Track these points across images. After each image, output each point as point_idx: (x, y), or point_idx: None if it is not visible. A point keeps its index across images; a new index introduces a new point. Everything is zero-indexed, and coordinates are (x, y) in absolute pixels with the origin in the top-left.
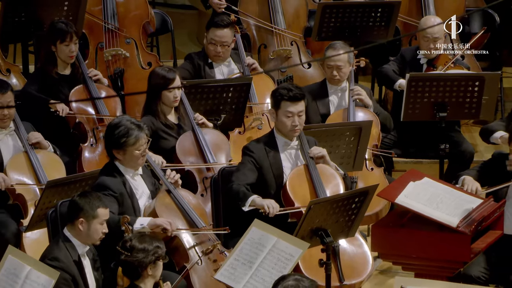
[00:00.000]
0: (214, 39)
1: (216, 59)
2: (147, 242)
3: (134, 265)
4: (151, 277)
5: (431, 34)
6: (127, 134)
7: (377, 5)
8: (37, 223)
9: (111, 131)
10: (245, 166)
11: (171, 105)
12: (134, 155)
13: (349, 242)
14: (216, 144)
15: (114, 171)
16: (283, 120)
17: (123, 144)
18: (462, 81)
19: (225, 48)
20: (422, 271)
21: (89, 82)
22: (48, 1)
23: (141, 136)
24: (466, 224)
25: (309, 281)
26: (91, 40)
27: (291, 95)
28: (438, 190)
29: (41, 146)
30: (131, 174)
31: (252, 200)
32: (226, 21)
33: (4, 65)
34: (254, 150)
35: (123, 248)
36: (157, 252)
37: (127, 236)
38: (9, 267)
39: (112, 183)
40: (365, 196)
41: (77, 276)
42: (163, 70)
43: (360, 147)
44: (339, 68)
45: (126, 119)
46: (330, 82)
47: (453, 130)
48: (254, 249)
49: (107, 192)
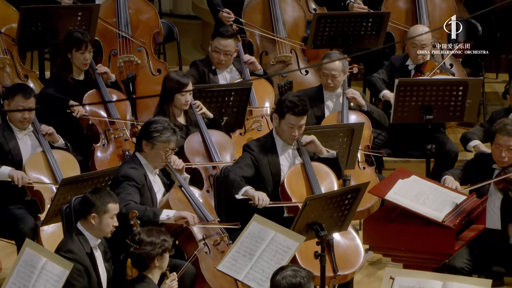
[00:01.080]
0: (218, 47)
1: (219, 66)
2: (154, 235)
3: (142, 257)
4: (158, 268)
5: (418, 41)
6: (162, 131)
7: (368, 15)
8: (53, 218)
9: (149, 124)
10: (244, 161)
11: (182, 108)
12: (159, 154)
13: (342, 236)
14: (221, 145)
15: (137, 163)
16: (284, 129)
17: (154, 138)
18: (447, 86)
19: (228, 57)
20: (410, 263)
21: (101, 87)
22: (62, 12)
23: (172, 139)
24: (451, 219)
25: (305, 271)
26: (105, 48)
27: (296, 111)
28: (425, 187)
29: (53, 139)
30: (151, 170)
31: (246, 190)
32: (230, 32)
33: (22, 71)
34: (254, 148)
35: (132, 241)
36: (164, 245)
37: (136, 230)
38: (26, 259)
39: (135, 174)
40: (357, 192)
41: (89, 267)
42: (177, 75)
43: (353, 147)
44: (334, 77)
45: (166, 121)
46: (325, 89)
47: (439, 132)
48: (254, 242)
49: (132, 182)
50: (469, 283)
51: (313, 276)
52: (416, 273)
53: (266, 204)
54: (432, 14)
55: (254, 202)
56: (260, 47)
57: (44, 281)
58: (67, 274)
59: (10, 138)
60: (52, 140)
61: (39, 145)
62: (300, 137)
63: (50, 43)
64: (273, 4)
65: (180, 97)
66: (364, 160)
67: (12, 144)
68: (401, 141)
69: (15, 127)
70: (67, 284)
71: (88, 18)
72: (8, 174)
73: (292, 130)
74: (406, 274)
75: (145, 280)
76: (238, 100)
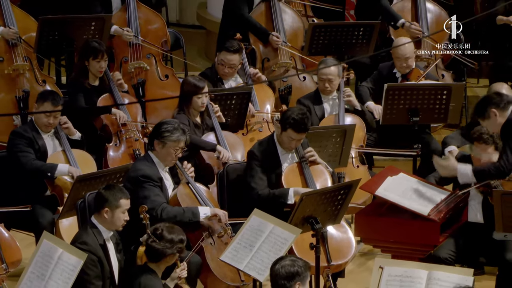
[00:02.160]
0: (224, 61)
1: (224, 77)
2: (175, 233)
3: (158, 252)
4: (166, 263)
5: (402, 55)
6: (172, 131)
7: (360, 25)
8: (68, 212)
9: (161, 124)
10: (257, 172)
11: (199, 109)
12: (170, 152)
13: (335, 228)
14: (232, 144)
15: (149, 161)
16: (284, 140)
17: (165, 137)
18: (432, 90)
19: (232, 70)
20: (398, 253)
21: (114, 91)
22: (77, 22)
23: (181, 139)
24: (435, 213)
25: (302, 261)
26: (117, 55)
27: (297, 128)
28: (412, 183)
29: (69, 131)
30: (162, 167)
31: (295, 191)
32: (236, 47)
33: (40, 77)
34: (258, 154)
35: (153, 234)
36: (179, 247)
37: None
38: (44, 250)
39: (153, 173)
40: (349, 189)
41: (102, 258)
42: (194, 79)
43: (345, 146)
44: (330, 81)
45: (177, 122)
46: (322, 93)
47: (424, 133)
48: (254, 234)
49: (153, 182)
50: (452, 272)
51: (309, 266)
52: (403, 263)
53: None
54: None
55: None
56: (263, 54)
57: (61, 270)
58: (82, 264)
59: (38, 138)
60: (68, 133)
61: (60, 145)
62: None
63: (66, 51)
64: (275, 14)
65: (197, 99)
66: (358, 159)
67: (40, 143)
68: (390, 141)
69: (40, 129)
70: (81, 273)
71: (101, 27)
72: (68, 171)
73: (291, 143)
74: (395, 264)
75: (150, 272)
76: (239, 103)
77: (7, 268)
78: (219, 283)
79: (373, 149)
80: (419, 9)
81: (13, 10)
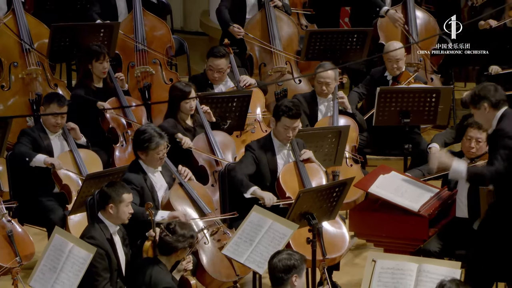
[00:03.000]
0: (212, 66)
1: (214, 81)
2: (186, 229)
3: (169, 245)
4: (176, 257)
5: (393, 57)
6: (150, 140)
7: (353, 32)
8: (78, 208)
9: (138, 136)
10: (247, 160)
11: (188, 113)
12: (154, 157)
13: (330, 224)
14: (224, 144)
15: (138, 168)
16: (280, 130)
17: (146, 147)
18: (422, 93)
19: (221, 74)
20: (390, 247)
21: (119, 93)
22: (87, 29)
23: (161, 143)
24: (425, 209)
25: (299, 255)
26: (124, 60)
27: (290, 114)
28: (403, 181)
29: (75, 135)
30: (151, 171)
31: (254, 191)
32: (222, 52)
33: (52, 81)
34: (255, 148)
35: (167, 229)
36: (190, 242)
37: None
38: (55, 244)
39: (134, 178)
40: (343, 186)
41: (109, 251)
42: (181, 84)
43: (340, 146)
44: (327, 84)
45: (151, 128)
46: (319, 95)
47: (415, 133)
48: (254, 229)
49: (131, 186)
50: (441, 265)
51: (305, 259)
52: (395, 257)
53: (273, 202)
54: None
55: (264, 202)
56: (259, 59)
57: (71, 263)
58: (91, 257)
59: (44, 138)
60: (75, 136)
61: (67, 146)
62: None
63: (77, 56)
64: (271, 22)
65: (185, 104)
66: (352, 159)
67: (46, 143)
68: (382, 141)
69: (47, 129)
70: (90, 266)
71: (109, 34)
72: (44, 161)
73: (287, 132)
74: (387, 257)
75: (159, 265)
76: (239, 106)
77: (21, 261)
78: (215, 281)
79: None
80: (409, 16)
81: (27, 18)
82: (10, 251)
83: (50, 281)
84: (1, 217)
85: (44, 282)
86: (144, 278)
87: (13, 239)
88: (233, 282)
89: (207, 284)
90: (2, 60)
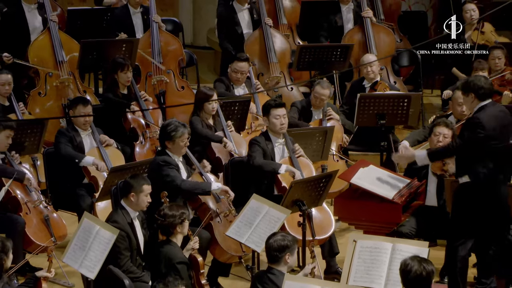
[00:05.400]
0: (236, 68)
1: (236, 83)
2: (174, 210)
3: (167, 226)
4: (180, 233)
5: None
6: (176, 129)
7: (337, 47)
8: (104, 196)
9: (165, 128)
10: (257, 150)
11: (210, 113)
12: (180, 145)
13: (318, 210)
14: (237, 142)
15: (166, 154)
16: (273, 121)
17: (172, 136)
18: (395, 99)
19: (243, 75)
20: (368, 229)
21: (139, 99)
22: (111, 45)
23: (185, 132)
24: (398, 197)
25: (291, 236)
26: (143, 70)
27: (275, 104)
28: (380, 173)
29: (109, 144)
30: (176, 159)
31: (287, 167)
32: (244, 56)
33: (81, 88)
34: (260, 141)
35: (158, 215)
36: (182, 216)
37: (161, 207)
38: (84, 227)
39: (170, 159)
40: (329, 178)
41: (130, 233)
42: (205, 89)
43: (326, 143)
44: (322, 100)
45: (175, 120)
46: (313, 106)
47: (389, 133)
48: (253, 214)
49: (171, 166)
50: (412, 244)
51: (297, 240)
52: (373, 237)
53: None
54: (379, 45)
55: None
56: (258, 70)
57: (98, 243)
58: (115, 238)
59: (76, 136)
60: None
61: (95, 142)
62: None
63: (103, 67)
64: (267, 39)
65: (208, 105)
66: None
67: (78, 140)
68: (362, 139)
69: (79, 128)
70: (114, 245)
71: (130, 48)
72: (93, 162)
73: (279, 120)
74: (366, 238)
75: (170, 243)
76: (241, 109)
77: (55, 240)
78: (225, 253)
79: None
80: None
81: (60, 35)
82: (46, 233)
83: (80, 257)
84: (39, 204)
85: (75, 259)
86: (160, 255)
87: (49, 222)
88: (239, 257)
89: (218, 256)
90: (39, 71)
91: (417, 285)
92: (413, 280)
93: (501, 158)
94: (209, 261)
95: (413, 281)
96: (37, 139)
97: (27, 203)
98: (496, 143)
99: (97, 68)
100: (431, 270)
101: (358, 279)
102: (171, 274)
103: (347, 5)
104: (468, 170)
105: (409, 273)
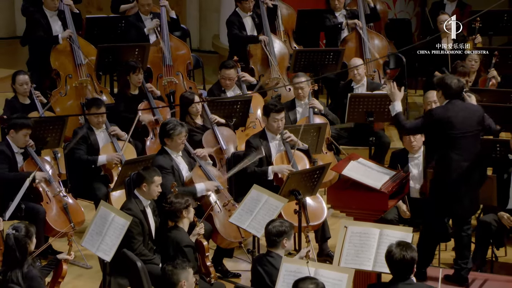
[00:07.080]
0: (224, 75)
1: (226, 88)
2: (179, 197)
3: (174, 212)
4: (187, 219)
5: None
6: (174, 128)
7: (330, 51)
8: (118, 187)
9: (164, 126)
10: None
11: (196, 115)
12: (177, 142)
13: (312, 199)
14: (228, 137)
15: (165, 152)
16: (272, 124)
17: (171, 134)
18: (383, 98)
19: (231, 81)
20: (358, 216)
21: (150, 99)
22: (126, 49)
23: (182, 131)
24: (385, 187)
25: (288, 223)
26: (154, 72)
27: (276, 109)
28: (369, 166)
29: (119, 134)
30: (175, 155)
31: (271, 169)
32: (231, 64)
33: (98, 88)
34: (254, 143)
35: (165, 203)
36: (187, 202)
37: (169, 195)
38: (101, 214)
39: (164, 163)
40: (322, 170)
41: (142, 220)
42: (186, 93)
43: (320, 139)
44: (302, 88)
45: (174, 119)
46: (297, 98)
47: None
48: (253, 203)
49: (165, 171)
50: (397, 230)
51: (293, 226)
52: (362, 224)
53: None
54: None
55: (283, 175)
56: (259, 71)
57: (113, 229)
58: (128, 224)
59: (91, 133)
60: (118, 135)
61: (109, 138)
62: (284, 134)
63: (118, 70)
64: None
65: (192, 108)
66: (326, 147)
67: (93, 137)
68: (352, 135)
69: (94, 127)
70: (128, 231)
71: (142, 53)
72: (106, 160)
73: (277, 123)
74: (356, 224)
75: (177, 229)
76: (242, 108)
77: (74, 226)
78: (225, 240)
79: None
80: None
81: (79, 40)
82: (65, 219)
83: (97, 242)
84: (59, 193)
85: (92, 243)
86: (168, 239)
87: (68, 210)
88: (239, 242)
89: (219, 243)
90: (60, 73)
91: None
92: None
93: (465, 147)
94: (214, 245)
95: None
96: (58, 135)
97: (48, 193)
98: (455, 132)
99: (113, 70)
100: (410, 257)
101: (349, 262)
102: (179, 257)
103: (339, 12)
104: (434, 155)
105: (392, 258)
